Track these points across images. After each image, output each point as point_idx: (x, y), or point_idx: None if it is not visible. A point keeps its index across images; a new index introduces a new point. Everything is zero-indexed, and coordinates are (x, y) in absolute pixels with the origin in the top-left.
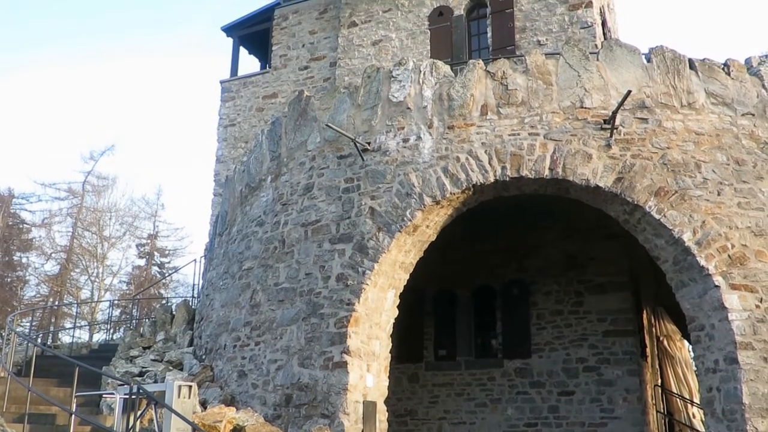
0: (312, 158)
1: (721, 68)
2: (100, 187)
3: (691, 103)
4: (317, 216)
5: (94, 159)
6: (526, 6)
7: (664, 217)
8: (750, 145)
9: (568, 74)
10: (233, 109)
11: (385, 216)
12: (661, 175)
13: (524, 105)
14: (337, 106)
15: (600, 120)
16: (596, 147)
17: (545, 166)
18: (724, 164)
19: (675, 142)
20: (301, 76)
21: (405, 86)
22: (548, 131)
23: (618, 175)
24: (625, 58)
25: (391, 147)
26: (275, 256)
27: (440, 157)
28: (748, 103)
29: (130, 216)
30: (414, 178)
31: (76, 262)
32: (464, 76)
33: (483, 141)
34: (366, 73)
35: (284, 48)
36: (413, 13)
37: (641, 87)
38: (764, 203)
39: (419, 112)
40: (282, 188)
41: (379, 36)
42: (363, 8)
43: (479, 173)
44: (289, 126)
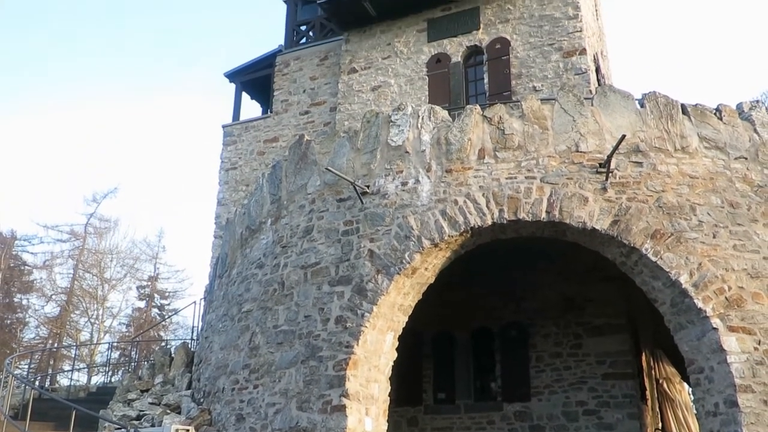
0: (312, 201)
1: (713, 113)
2: (102, 230)
3: (685, 147)
4: (317, 258)
5: (97, 201)
6: (521, 53)
7: (660, 259)
8: (744, 188)
9: (563, 119)
10: (235, 152)
11: (384, 258)
12: (657, 218)
13: (521, 149)
14: (336, 150)
15: (595, 164)
16: (592, 190)
17: (542, 209)
18: (719, 207)
19: (670, 185)
20: (301, 121)
21: (404, 131)
22: (545, 175)
23: (614, 218)
24: (619, 103)
25: (390, 190)
26: (274, 299)
27: (438, 200)
28: (740, 147)
29: (131, 258)
30: (413, 221)
31: (77, 304)
32: (462, 121)
33: (480, 184)
34: (365, 118)
35: (285, 93)
36: (412, 60)
37: (635, 131)
38: (759, 246)
39: (418, 156)
40: (282, 231)
41: (379, 82)
42: (363, 55)
43: (477, 216)
44: (290, 169)
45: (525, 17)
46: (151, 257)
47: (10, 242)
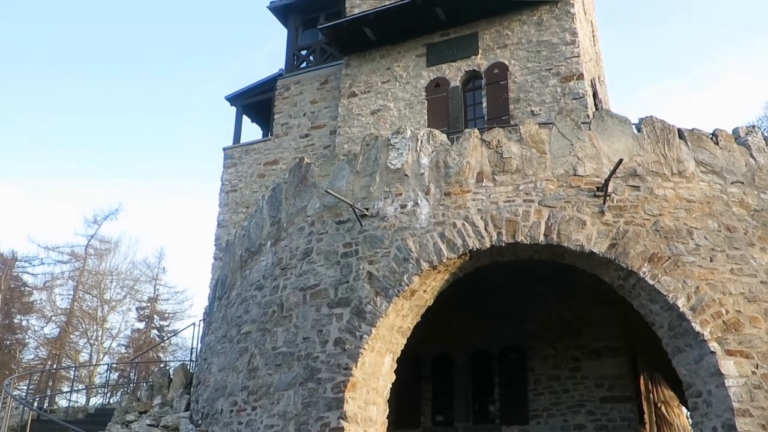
0: (311, 223)
1: (709, 138)
2: (103, 251)
3: (682, 171)
4: (316, 280)
5: (98, 223)
6: (519, 78)
7: (658, 282)
8: (740, 213)
9: (561, 143)
10: (235, 175)
11: (382, 281)
12: (654, 242)
13: (519, 172)
14: (336, 172)
15: (593, 187)
16: (590, 213)
17: (540, 232)
18: (716, 231)
19: (667, 209)
20: (301, 144)
21: (403, 154)
22: (542, 198)
23: (612, 241)
24: (616, 127)
25: (389, 213)
26: (273, 320)
27: (437, 223)
28: (737, 172)
29: (131, 279)
30: (411, 244)
31: (76, 325)
32: (460, 145)
33: (479, 207)
34: (365, 141)
35: (286, 116)
36: (411, 84)
37: (632, 156)
38: (756, 270)
39: (416, 179)
40: (281, 253)
41: (378, 105)
42: (363, 79)
43: (475, 239)
44: (290, 192)
45: (523, 43)
46: (151, 278)
47: (11, 263)
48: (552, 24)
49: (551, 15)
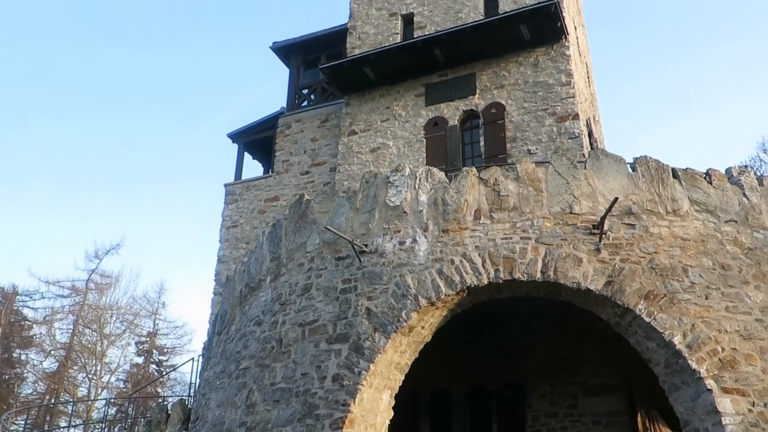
0: (311, 259)
1: (703, 177)
2: (103, 285)
3: (676, 210)
4: (315, 316)
5: (99, 257)
6: (516, 117)
7: (654, 320)
8: (734, 251)
9: (557, 181)
10: (236, 211)
11: (381, 317)
12: (650, 279)
13: (516, 210)
14: (336, 209)
15: (589, 225)
16: (586, 251)
17: (537, 269)
18: (711, 269)
19: (662, 247)
20: (302, 181)
21: (401, 191)
22: (539, 235)
23: (608, 279)
24: (611, 166)
25: (388, 249)
26: (272, 356)
27: (435, 260)
28: (730, 211)
29: (131, 314)
30: (410, 280)
31: (75, 360)
32: (458, 183)
33: (477, 244)
34: (364, 179)
35: (287, 154)
36: (410, 122)
37: (627, 194)
38: (751, 307)
39: (415, 216)
40: (281, 288)
41: (378, 144)
42: (362, 118)
43: (473, 275)
44: (290, 228)
45: (519, 83)
46: (150, 313)
47: (12, 297)
48: (548, 65)
49: (547, 57)
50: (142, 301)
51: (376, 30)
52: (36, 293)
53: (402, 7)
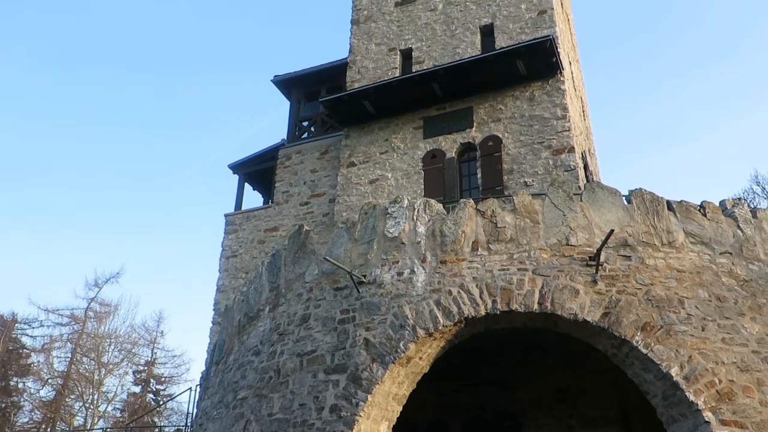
0: (309, 290)
1: (697, 209)
2: (102, 314)
3: (671, 241)
4: (313, 346)
5: (99, 286)
6: (513, 150)
7: (651, 351)
8: (730, 283)
9: (553, 213)
10: (236, 241)
11: (379, 347)
12: (647, 311)
13: (513, 242)
14: (335, 240)
15: (585, 257)
16: (583, 283)
17: (534, 300)
18: (707, 300)
19: (658, 279)
20: (301, 211)
21: (400, 222)
22: (536, 267)
23: (605, 310)
24: (606, 199)
25: (386, 280)
26: (270, 386)
27: (433, 291)
28: (725, 243)
29: (129, 342)
30: (408, 311)
31: (72, 388)
32: (456, 214)
33: (474, 275)
34: (363, 210)
35: (286, 185)
36: (408, 155)
37: (623, 226)
38: (747, 339)
39: (413, 247)
40: (279, 318)
41: (376, 175)
42: (361, 150)
43: (471, 306)
44: (289, 258)
45: (516, 117)
46: (149, 342)
47: (11, 325)
48: (543, 99)
49: (543, 91)
50: (141, 329)
51: (376, 64)
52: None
53: (401, 43)
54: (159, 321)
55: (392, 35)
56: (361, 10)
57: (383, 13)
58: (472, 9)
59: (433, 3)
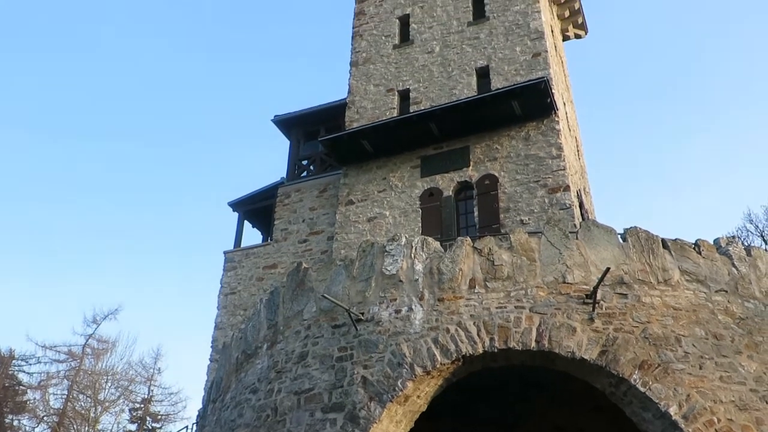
0: (307, 327)
1: (692, 248)
2: (100, 351)
3: (667, 279)
4: (310, 384)
5: (97, 322)
6: (509, 189)
7: (649, 390)
8: (726, 321)
9: (550, 251)
10: (234, 278)
11: (377, 385)
12: (644, 349)
13: (510, 279)
14: (333, 277)
15: (582, 294)
16: (580, 320)
17: (532, 338)
18: (704, 339)
19: (654, 317)
20: (300, 249)
21: (398, 260)
22: (533, 305)
23: (602, 348)
24: (602, 237)
25: (384, 318)
26: (267, 425)
27: (431, 328)
28: (720, 281)
29: (126, 380)
30: (405, 349)
31: (68, 426)
32: (453, 252)
33: (471, 313)
34: (361, 248)
35: (285, 222)
36: (406, 193)
37: (619, 264)
38: (745, 378)
39: (411, 284)
40: (277, 356)
41: (374, 213)
42: (360, 188)
43: (468, 344)
44: (287, 295)
45: (512, 156)
46: (146, 379)
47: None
48: (539, 139)
49: (538, 131)
50: (138, 366)
51: (374, 105)
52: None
53: (399, 84)
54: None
55: (390, 76)
56: (360, 53)
57: (382, 56)
58: (468, 51)
59: (430, 46)
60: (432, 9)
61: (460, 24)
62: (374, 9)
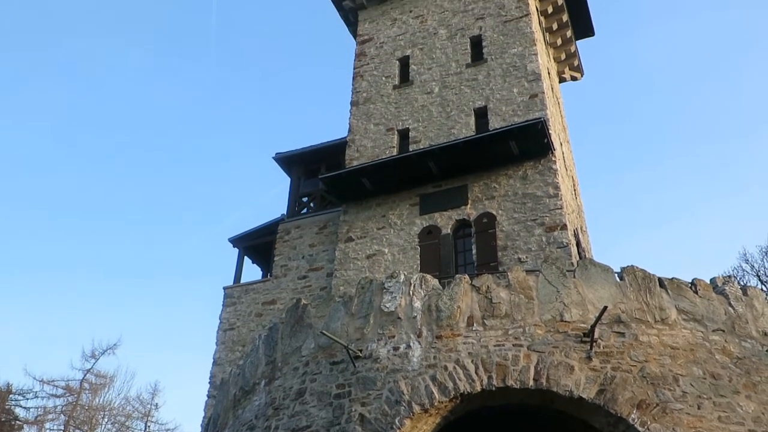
0: (306, 363)
1: (689, 287)
2: (98, 385)
3: (664, 318)
4: (308, 422)
5: (95, 357)
6: (506, 227)
7: (647, 430)
8: (724, 360)
9: (547, 290)
10: (234, 313)
11: (374, 423)
12: (642, 388)
13: (508, 317)
14: (332, 314)
15: (580, 333)
16: (578, 359)
17: (530, 376)
18: (701, 378)
19: (652, 356)
20: (299, 285)
21: (396, 297)
22: (531, 343)
23: (600, 387)
24: (599, 275)
25: (382, 355)
26: None
27: (429, 366)
28: (717, 320)
29: (123, 415)
30: (403, 386)
31: None
32: (451, 289)
33: (470, 351)
34: (360, 284)
35: (285, 259)
36: (405, 231)
37: (616, 303)
38: (744, 418)
39: (409, 321)
40: (275, 392)
41: (373, 250)
42: (359, 225)
43: (466, 382)
44: (286, 332)
45: (509, 195)
46: (143, 415)
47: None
48: (536, 178)
49: (535, 170)
50: (135, 402)
51: (374, 143)
52: (29, 392)
53: (398, 123)
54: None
55: (390, 116)
56: (361, 92)
57: (382, 95)
58: (467, 92)
59: (429, 86)
60: (431, 51)
61: (459, 65)
62: (375, 50)
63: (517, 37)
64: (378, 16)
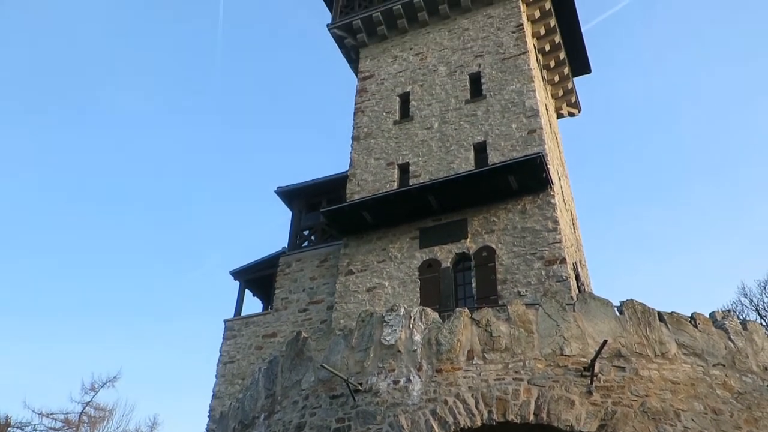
0: (305, 397)
1: (688, 321)
2: (97, 419)
3: (664, 353)
4: None
5: (95, 390)
6: (506, 261)
7: None
8: (725, 395)
9: (547, 323)
10: (234, 346)
11: None
12: (643, 423)
13: (508, 351)
14: (332, 347)
15: (580, 367)
16: (578, 393)
17: (530, 411)
18: (702, 413)
19: (653, 390)
20: (300, 318)
21: (396, 330)
22: (531, 377)
23: (601, 422)
24: (599, 309)
25: (382, 388)
26: None
27: (429, 400)
28: (717, 354)
29: None
30: (403, 420)
31: None
32: (451, 323)
33: (470, 385)
34: (360, 318)
35: (286, 291)
36: (405, 264)
37: (616, 337)
38: None
39: (409, 355)
40: (274, 427)
41: (374, 283)
42: (359, 258)
43: (466, 417)
44: (286, 365)
45: (509, 229)
46: None
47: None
48: (535, 213)
49: (534, 205)
50: None
51: (374, 177)
52: (28, 425)
53: (399, 158)
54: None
55: (390, 150)
56: (362, 128)
57: (382, 131)
58: (466, 128)
59: (429, 122)
60: (431, 87)
61: (458, 101)
62: (376, 87)
63: (515, 74)
64: (379, 53)
